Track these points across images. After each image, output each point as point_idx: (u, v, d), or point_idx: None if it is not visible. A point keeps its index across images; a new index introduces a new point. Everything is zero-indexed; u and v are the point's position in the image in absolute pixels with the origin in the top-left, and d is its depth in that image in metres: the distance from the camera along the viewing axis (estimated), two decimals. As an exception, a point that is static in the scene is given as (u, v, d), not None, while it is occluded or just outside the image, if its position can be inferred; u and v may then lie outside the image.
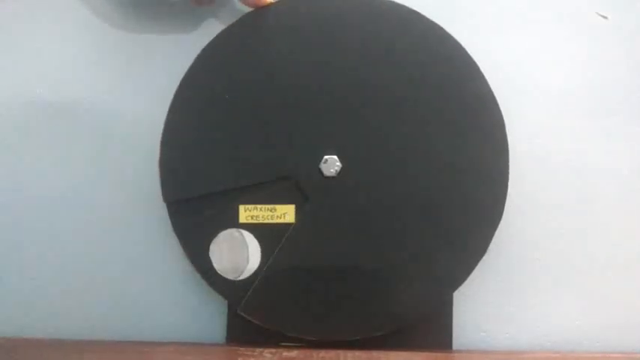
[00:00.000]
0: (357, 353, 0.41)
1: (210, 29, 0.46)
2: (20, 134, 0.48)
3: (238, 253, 0.43)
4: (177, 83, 0.44)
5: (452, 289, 0.43)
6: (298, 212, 0.43)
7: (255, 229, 0.43)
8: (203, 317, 0.46)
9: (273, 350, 0.42)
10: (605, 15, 0.47)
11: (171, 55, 0.47)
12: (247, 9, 0.45)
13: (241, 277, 0.43)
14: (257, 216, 0.43)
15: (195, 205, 0.43)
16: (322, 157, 0.43)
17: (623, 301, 0.46)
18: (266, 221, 0.43)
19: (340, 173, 0.43)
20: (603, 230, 0.46)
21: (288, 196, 0.43)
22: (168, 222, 0.44)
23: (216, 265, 0.43)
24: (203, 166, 0.43)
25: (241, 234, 0.43)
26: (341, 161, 0.43)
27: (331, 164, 0.43)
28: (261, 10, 0.44)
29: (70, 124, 0.48)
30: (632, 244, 0.46)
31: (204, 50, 0.44)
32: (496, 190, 0.43)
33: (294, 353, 0.41)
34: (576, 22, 0.48)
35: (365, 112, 0.44)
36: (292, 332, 0.43)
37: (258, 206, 0.43)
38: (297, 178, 0.43)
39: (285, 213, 0.43)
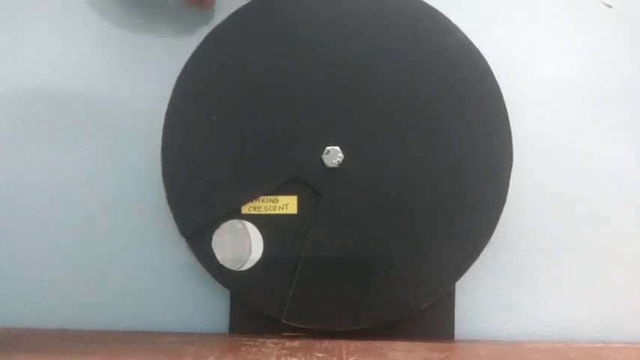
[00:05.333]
0: (359, 343, 0.42)
1: (212, 20, 0.46)
2: (20, 126, 0.47)
3: (241, 244, 0.43)
4: (177, 74, 0.44)
5: (454, 279, 0.43)
6: (300, 203, 0.43)
7: (257, 219, 0.43)
8: (206, 308, 0.46)
9: (276, 340, 0.42)
10: (610, 4, 0.47)
11: (172, 46, 0.47)
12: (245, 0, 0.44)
13: (244, 268, 0.43)
14: (259, 207, 0.43)
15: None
16: (324, 148, 0.43)
17: (625, 291, 0.46)
18: (268, 212, 0.43)
19: (342, 164, 0.43)
20: (605, 220, 0.46)
21: (290, 188, 0.43)
22: (171, 213, 0.44)
23: (218, 255, 0.43)
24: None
25: (244, 225, 0.43)
26: (343, 152, 0.43)
27: (333, 155, 0.43)
28: (260, 1, 0.44)
29: (69, 115, 0.47)
30: (634, 234, 0.46)
31: (201, 44, 0.44)
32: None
33: (296, 343, 0.41)
34: (581, 11, 0.47)
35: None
36: (294, 322, 0.43)
37: (261, 197, 0.43)
38: (299, 170, 0.43)
39: (287, 204, 0.43)
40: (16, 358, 0.37)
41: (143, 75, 0.47)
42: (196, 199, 0.43)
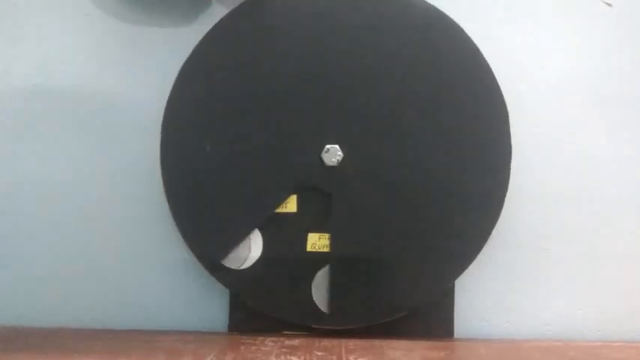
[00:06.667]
0: (359, 341, 0.42)
1: (211, 18, 0.46)
2: (19, 124, 0.47)
3: (240, 243, 0.43)
4: (177, 71, 0.44)
5: (453, 277, 0.43)
6: (300, 202, 0.43)
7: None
8: (205, 306, 0.46)
9: (275, 338, 0.42)
10: (610, 2, 0.47)
11: (173, 43, 0.47)
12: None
13: (243, 267, 0.43)
14: (259, 205, 0.44)
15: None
16: (323, 147, 0.43)
17: (624, 290, 0.46)
18: (267, 210, 0.43)
19: (342, 162, 0.43)
20: (605, 219, 0.46)
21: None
22: (170, 211, 0.44)
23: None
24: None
25: (243, 223, 0.44)
26: (342, 150, 0.43)
27: (333, 154, 0.43)
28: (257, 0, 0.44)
29: (68, 113, 0.47)
30: (633, 233, 0.46)
31: (198, 44, 0.44)
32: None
33: (295, 341, 0.41)
34: (580, 10, 0.47)
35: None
36: (294, 320, 0.43)
37: (260, 196, 0.44)
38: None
39: (287, 202, 0.43)
40: (16, 357, 0.37)
41: (142, 73, 0.47)
42: (213, 234, 0.43)
